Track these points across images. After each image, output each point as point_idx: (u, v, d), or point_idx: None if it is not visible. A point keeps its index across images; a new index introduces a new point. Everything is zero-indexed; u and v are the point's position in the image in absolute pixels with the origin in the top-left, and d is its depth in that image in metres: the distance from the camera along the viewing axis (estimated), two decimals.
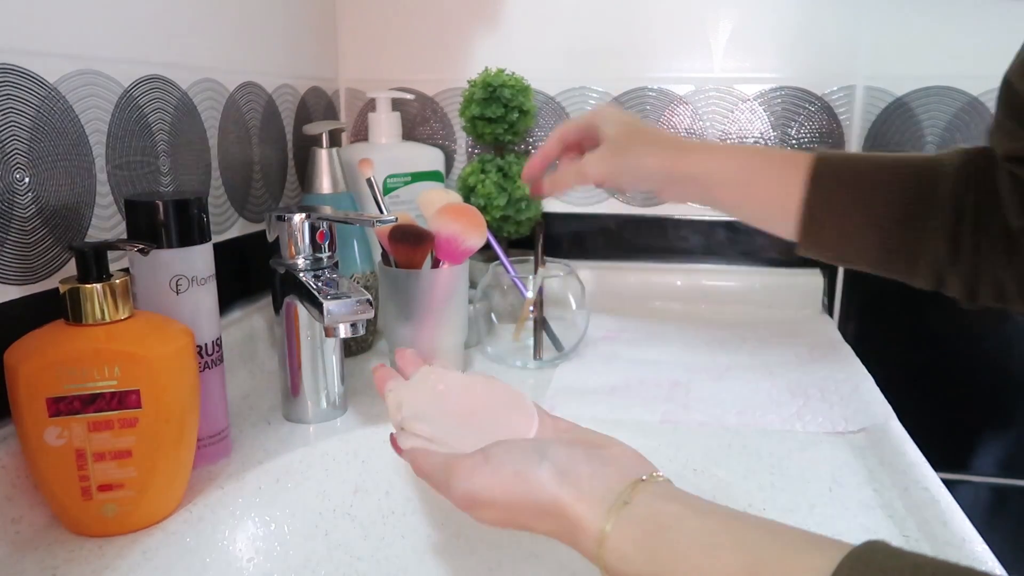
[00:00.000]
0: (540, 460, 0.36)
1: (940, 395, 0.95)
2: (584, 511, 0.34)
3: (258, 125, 0.77)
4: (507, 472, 0.37)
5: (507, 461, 0.37)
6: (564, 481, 0.35)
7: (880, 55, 0.89)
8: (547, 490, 0.35)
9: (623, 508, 0.34)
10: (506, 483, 0.36)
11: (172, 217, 0.49)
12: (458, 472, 0.38)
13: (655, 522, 0.33)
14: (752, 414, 0.62)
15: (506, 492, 0.36)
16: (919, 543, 0.45)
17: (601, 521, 0.34)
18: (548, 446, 0.38)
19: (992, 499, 0.98)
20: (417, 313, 0.65)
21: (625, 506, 0.34)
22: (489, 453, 0.38)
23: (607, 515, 0.34)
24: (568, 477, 0.35)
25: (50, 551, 0.43)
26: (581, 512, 0.34)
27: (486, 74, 0.86)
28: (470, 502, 0.37)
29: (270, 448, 0.56)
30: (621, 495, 0.34)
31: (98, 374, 0.42)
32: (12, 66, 0.47)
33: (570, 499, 0.35)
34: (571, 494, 0.35)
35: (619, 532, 0.33)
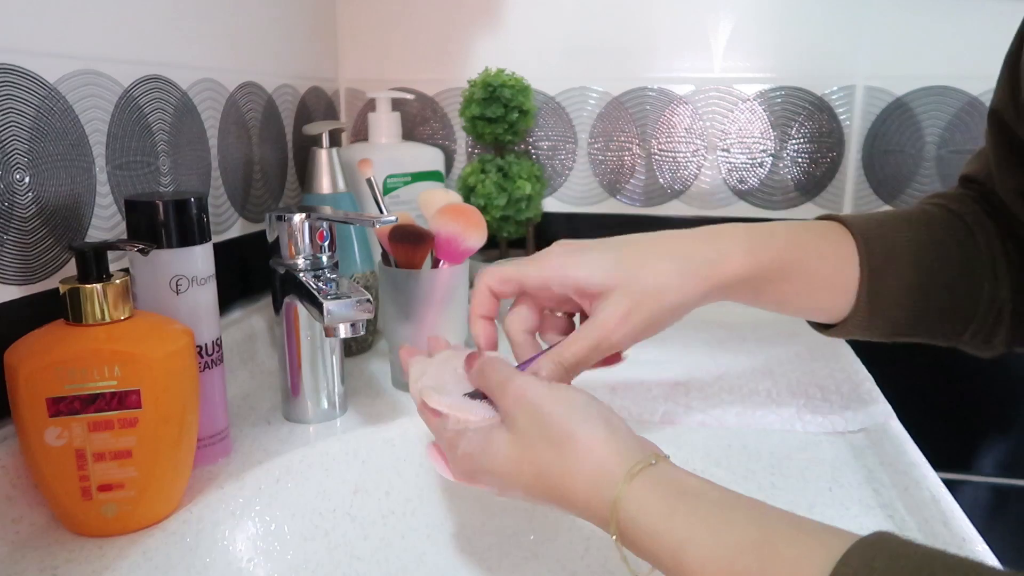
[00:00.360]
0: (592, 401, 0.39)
1: (940, 395, 0.95)
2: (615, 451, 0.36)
3: (258, 125, 0.77)
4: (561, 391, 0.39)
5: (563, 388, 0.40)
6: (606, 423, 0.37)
7: (880, 55, 0.89)
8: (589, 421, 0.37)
9: (649, 468, 0.35)
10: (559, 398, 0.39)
11: (172, 217, 0.49)
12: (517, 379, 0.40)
13: (678, 485, 0.34)
14: (752, 414, 0.62)
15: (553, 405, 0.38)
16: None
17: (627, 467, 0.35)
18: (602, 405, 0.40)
19: (992, 499, 0.98)
20: (417, 313, 0.65)
21: (651, 466, 0.35)
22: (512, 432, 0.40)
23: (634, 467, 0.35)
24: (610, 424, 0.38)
25: (50, 551, 0.43)
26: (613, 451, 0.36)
27: (486, 74, 0.86)
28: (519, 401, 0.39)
29: (270, 448, 0.56)
30: (648, 456, 0.36)
31: (98, 374, 0.42)
32: (12, 66, 0.47)
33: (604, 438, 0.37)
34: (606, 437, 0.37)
35: (641, 483, 0.34)
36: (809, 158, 0.93)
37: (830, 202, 0.94)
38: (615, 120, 0.96)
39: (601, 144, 0.97)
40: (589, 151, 0.97)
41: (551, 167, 0.98)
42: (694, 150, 0.95)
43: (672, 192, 0.97)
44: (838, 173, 0.93)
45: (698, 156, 0.95)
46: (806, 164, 0.94)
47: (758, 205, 0.95)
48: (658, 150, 0.96)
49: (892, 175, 0.92)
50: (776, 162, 0.94)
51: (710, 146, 0.95)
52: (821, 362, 0.74)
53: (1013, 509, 0.97)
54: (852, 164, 0.92)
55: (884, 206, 0.93)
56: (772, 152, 0.94)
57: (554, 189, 0.99)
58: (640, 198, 0.97)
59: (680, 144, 0.95)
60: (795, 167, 0.94)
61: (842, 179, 0.93)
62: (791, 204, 0.95)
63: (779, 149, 0.94)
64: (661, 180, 0.97)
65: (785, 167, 0.94)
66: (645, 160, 0.96)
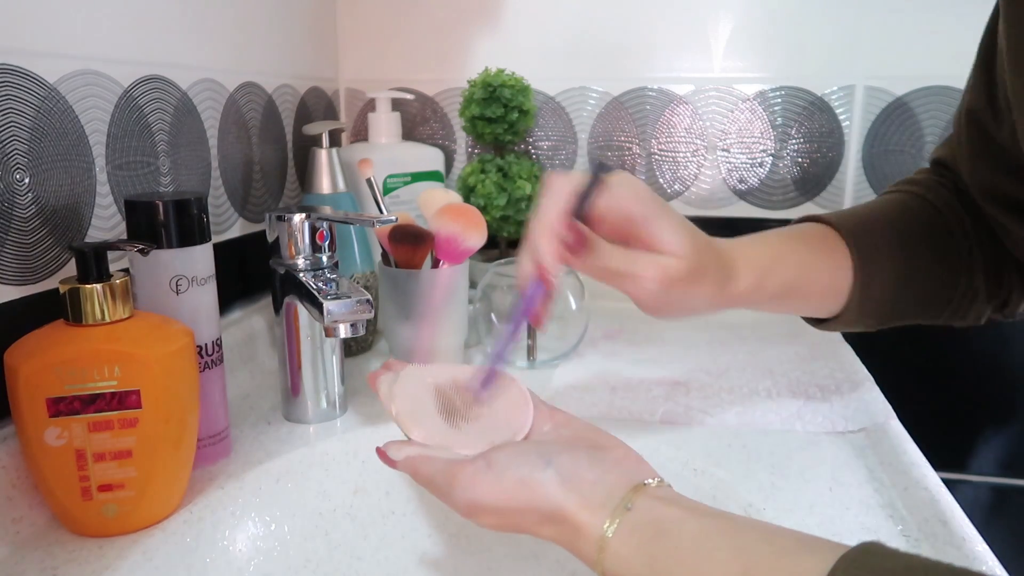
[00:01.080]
0: (545, 467, 0.36)
1: (940, 395, 0.95)
2: (586, 518, 0.35)
3: (258, 125, 0.77)
4: (511, 480, 0.36)
5: (511, 468, 0.37)
6: (568, 488, 0.35)
7: (880, 55, 0.89)
8: (551, 497, 0.35)
9: (624, 514, 0.34)
10: (509, 491, 0.36)
11: (172, 217, 0.49)
12: (460, 480, 0.38)
13: (655, 527, 0.33)
14: (752, 414, 0.62)
15: (509, 500, 0.36)
16: (919, 543, 0.45)
17: (602, 528, 0.34)
18: (552, 452, 0.38)
19: (992, 499, 0.98)
20: (417, 313, 0.65)
21: (626, 512, 0.34)
22: (491, 459, 0.38)
23: (608, 521, 0.34)
24: (571, 484, 0.36)
25: (50, 551, 0.43)
26: (584, 519, 0.35)
27: (486, 74, 0.86)
28: (473, 509, 0.37)
29: (270, 448, 0.56)
30: (623, 501, 0.35)
31: (98, 374, 0.42)
32: (12, 66, 0.47)
33: (573, 507, 0.35)
34: (574, 501, 0.35)
35: (619, 538, 0.34)
36: (809, 158, 0.93)
37: (830, 202, 0.94)
38: (615, 120, 0.96)
39: (601, 144, 0.97)
40: (589, 151, 0.97)
41: (551, 167, 0.98)
42: (694, 150, 0.95)
43: (672, 192, 0.97)
44: (838, 173, 0.93)
45: (698, 156, 0.95)
46: (806, 164, 0.94)
47: (758, 205, 0.95)
48: (658, 150, 0.96)
49: (892, 175, 0.92)
50: (776, 162, 0.94)
51: (710, 146, 0.95)
52: (821, 362, 0.74)
53: (1013, 509, 0.97)
54: (852, 164, 0.92)
55: None
56: (772, 152, 0.94)
57: None
58: None
59: (680, 144, 0.95)
60: (795, 167, 0.94)
61: (842, 179, 0.93)
62: (791, 204, 0.95)
63: (779, 149, 0.94)
64: (661, 180, 0.97)
65: (785, 167, 0.94)
66: (645, 160, 0.96)
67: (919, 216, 0.55)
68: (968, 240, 0.53)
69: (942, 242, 0.53)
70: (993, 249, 0.53)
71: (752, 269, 0.49)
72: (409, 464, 0.41)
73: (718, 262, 0.48)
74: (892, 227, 0.54)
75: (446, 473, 0.39)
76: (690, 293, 0.46)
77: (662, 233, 0.44)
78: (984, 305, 0.54)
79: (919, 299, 0.54)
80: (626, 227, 0.45)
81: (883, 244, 0.53)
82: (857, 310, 0.53)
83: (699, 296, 0.47)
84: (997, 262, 0.53)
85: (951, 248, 0.53)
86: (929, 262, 0.53)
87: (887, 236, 0.53)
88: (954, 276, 0.53)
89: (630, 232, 0.45)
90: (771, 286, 0.50)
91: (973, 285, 0.53)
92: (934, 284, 0.54)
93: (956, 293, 0.54)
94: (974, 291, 0.54)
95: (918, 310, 0.55)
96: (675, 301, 0.46)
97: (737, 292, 0.49)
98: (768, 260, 0.51)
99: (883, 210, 0.56)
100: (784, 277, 0.51)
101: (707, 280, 0.46)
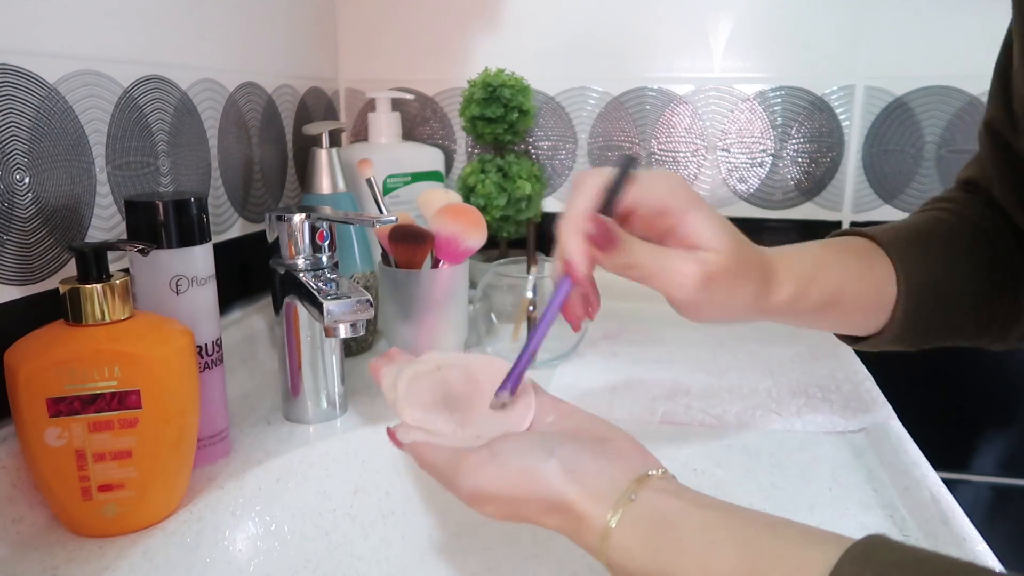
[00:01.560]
0: (547, 457, 0.37)
1: (940, 395, 0.95)
2: (590, 508, 0.35)
3: (258, 125, 0.77)
4: (513, 468, 0.37)
5: (513, 457, 0.37)
6: (570, 478, 0.36)
7: (880, 55, 0.89)
8: (553, 487, 0.35)
9: (628, 505, 0.34)
10: (513, 479, 0.36)
11: (172, 217, 0.49)
12: (464, 468, 0.38)
13: (658, 518, 0.34)
14: (752, 414, 0.62)
15: (512, 488, 0.36)
16: (919, 543, 0.45)
17: (606, 518, 0.34)
18: (555, 442, 0.38)
19: (992, 499, 0.98)
20: (417, 313, 0.65)
21: (630, 503, 0.34)
22: (496, 449, 0.38)
23: (612, 512, 0.34)
24: (574, 474, 0.36)
25: (50, 551, 0.43)
26: (587, 509, 0.35)
27: (486, 74, 0.86)
28: (476, 497, 0.38)
29: (270, 448, 0.56)
30: (626, 492, 0.35)
31: (98, 374, 0.42)
32: (12, 66, 0.47)
33: (576, 496, 0.35)
34: (577, 491, 0.35)
35: (623, 529, 0.34)
36: (809, 158, 0.93)
37: (830, 202, 0.94)
38: (615, 120, 0.96)
39: (601, 144, 0.97)
40: (589, 151, 0.97)
41: (551, 167, 0.99)
42: (694, 150, 0.95)
43: None
44: (838, 173, 0.93)
45: (698, 156, 0.95)
46: (806, 164, 0.94)
47: (758, 205, 0.95)
48: (658, 150, 0.96)
49: (892, 175, 0.92)
50: (776, 162, 0.94)
51: (710, 146, 0.95)
52: (821, 362, 0.74)
53: (1013, 509, 0.97)
54: (852, 164, 0.92)
55: (884, 206, 0.93)
56: (772, 152, 0.94)
57: (554, 189, 0.99)
58: None
59: (680, 144, 0.95)
60: (795, 167, 0.94)
61: (842, 179, 0.93)
62: (791, 204, 0.95)
63: (779, 149, 0.94)
64: None
65: (785, 167, 0.94)
66: (645, 160, 0.96)
67: (960, 231, 0.52)
68: (1012, 254, 0.51)
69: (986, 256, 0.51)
70: None
71: (795, 276, 0.47)
72: (415, 448, 0.41)
73: (760, 263, 0.45)
74: (934, 241, 0.51)
75: (450, 462, 0.39)
76: (732, 294, 0.43)
77: (700, 227, 0.42)
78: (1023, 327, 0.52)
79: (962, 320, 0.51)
80: (661, 222, 0.43)
81: (926, 259, 0.50)
82: (900, 327, 0.50)
83: (740, 297, 0.44)
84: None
85: (996, 262, 0.51)
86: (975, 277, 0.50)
87: (930, 251, 0.50)
88: (1000, 292, 0.51)
89: (665, 227, 0.43)
90: (814, 296, 0.47)
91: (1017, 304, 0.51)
92: (980, 300, 0.51)
93: (1001, 311, 0.51)
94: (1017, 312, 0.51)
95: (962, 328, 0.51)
96: (715, 301, 0.43)
97: (778, 300, 0.46)
98: (811, 268, 0.48)
99: (924, 225, 0.53)
100: (827, 287, 0.48)
101: (749, 280, 0.44)
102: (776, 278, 0.46)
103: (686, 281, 0.41)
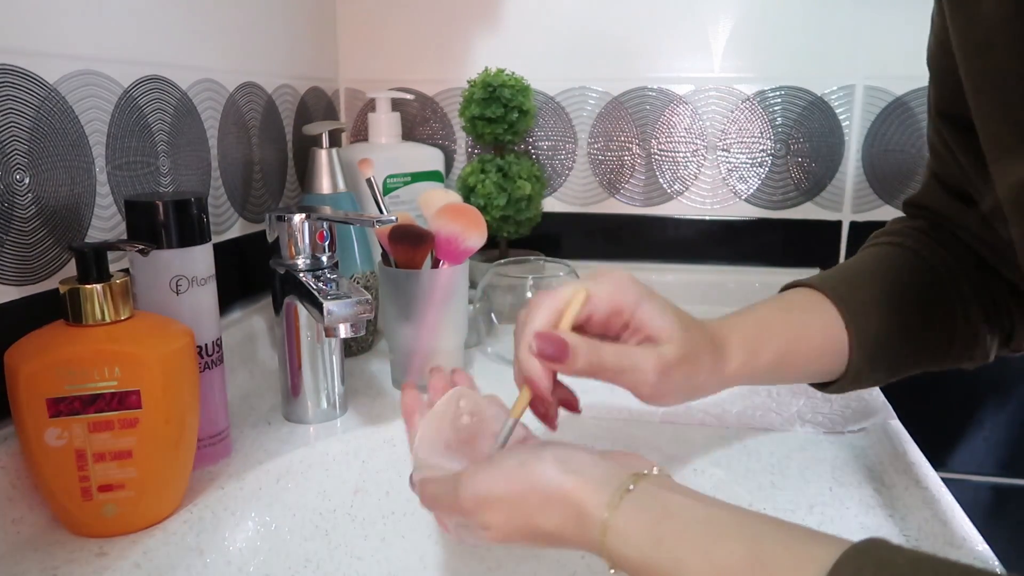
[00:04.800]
0: (542, 452, 0.37)
1: (940, 395, 0.95)
2: (589, 495, 0.35)
3: (258, 125, 0.77)
4: (511, 465, 0.37)
5: (510, 458, 0.38)
6: (567, 469, 0.36)
7: (880, 55, 0.89)
8: (550, 477, 0.36)
9: (627, 494, 0.34)
10: (511, 476, 0.37)
11: (172, 217, 0.49)
12: (463, 479, 0.38)
13: (660, 508, 0.34)
14: (752, 414, 0.62)
15: (511, 484, 0.37)
16: (919, 543, 0.45)
17: (605, 506, 0.34)
18: (548, 444, 0.39)
19: (992, 499, 0.98)
20: (417, 313, 0.65)
21: (629, 492, 0.34)
22: (492, 457, 0.39)
23: (612, 499, 0.34)
24: (570, 465, 0.36)
25: (50, 552, 0.43)
26: (586, 496, 0.35)
27: (486, 74, 0.86)
28: (478, 502, 0.38)
29: (270, 448, 0.56)
30: (624, 482, 0.35)
31: (98, 375, 0.42)
32: (12, 66, 0.47)
33: (574, 485, 0.35)
34: (575, 480, 0.35)
35: (624, 516, 0.34)
36: (809, 158, 0.93)
37: (830, 202, 0.94)
38: (615, 120, 0.96)
39: (601, 144, 0.97)
40: (589, 151, 0.97)
41: (551, 167, 0.99)
42: (694, 150, 0.95)
43: (672, 192, 0.97)
44: (838, 173, 0.93)
45: (698, 156, 0.95)
46: (806, 164, 0.94)
47: (758, 205, 0.95)
48: (658, 150, 0.96)
49: (892, 175, 0.92)
50: (776, 162, 0.94)
51: (710, 146, 0.95)
52: None
53: (1013, 509, 0.97)
54: (852, 164, 0.92)
55: (884, 206, 0.93)
56: (772, 152, 0.94)
57: (554, 189, 0.99)
58: (640, 198, 0.97)
59: (680, 144, 0.95)
60: (795, 167, 0.94)
61: (842, 179, 0.93)
62: (791, 204, 0.95)
63: (779, 149, 0.94)
64: (661, 180, 0.97)
65: (785, 167, 0.94)
66: (645, 160, 0.96)
67: (902, 266, 0.54)
68: (957, 282, 0.52)
69: (931, 288, 0.52)
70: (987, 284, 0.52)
71: (743, 343, 0.49)
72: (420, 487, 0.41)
73: (710, 341, 0.47)
74: (877, 280, 0.53)
75: (448, 482, 0.39)
76: (689, 377, 0.45)
77: (652, 318, 0.44)
78: (989, 343, 0.53)
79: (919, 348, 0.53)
80: (616, 321, 0.45)
81: (870, 299, 0.52)
82: (859, 368, 0.51)
83: (697, 377, 0.46)
84: (994, 297, 0.52)
85: (941, 293, 0.52)
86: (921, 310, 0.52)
87: (873, 291, 0.52)
88: (950, 320, 0.52)
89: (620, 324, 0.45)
90: (765, 357, 0.49)
91: (971, 324, 0.52)
92: (930, 332, 0.52)
93: (956, 336, 0.52)
94: (973, 330, 0.52)
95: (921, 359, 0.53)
96: (674, 387, 0.45)
97: (732, 370, 0.48)
98: (757, 330, 0.50)
99: (865, 266, 0.55)
100: (775, 345, 0.50)
101: (702, 360, 0.46)
102: (726, 350, 0.48)
103: (648, 376, 0.43)
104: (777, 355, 0.50)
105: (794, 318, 0.52)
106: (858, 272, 0.54)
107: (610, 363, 0.43)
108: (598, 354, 0.43)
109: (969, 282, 0.52)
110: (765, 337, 0.50)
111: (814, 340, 0.51)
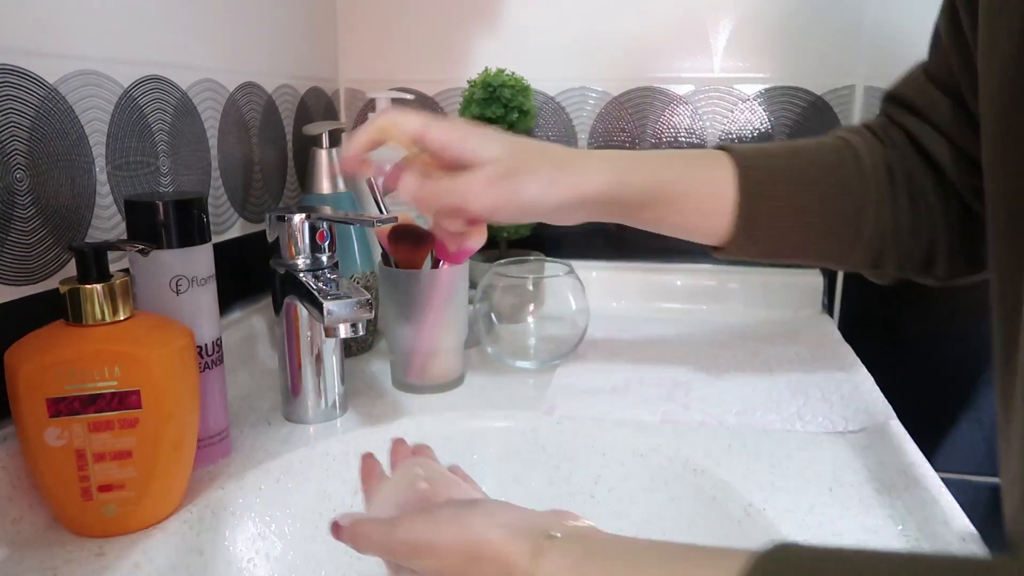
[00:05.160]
0: (473, 506, 0.38)
1: (939, 395, 0.95)
2: (514, 548, 0.35)
3: (258, 125, 0.77)
4: (444, 517, 0.38)
5: (444, 508, 0.39)
6: (493, 522, 0.36)
7: (880, 55, 0.89)
8: (478, 531, 0.36)
9: (551, 541, 0.35)
10: (443, 527, 0.37)
11: (172, 217, 0.49)
12: (400, 523, 0.39)
13: (583, 548, 0.34)
14: (752, 414, 0.62)
15: (443, 535, 0.37)
16: (919, 543, 0.45)
17: (530, 554, 0.34)
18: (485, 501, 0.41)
19: (992, 499, 0.97)
20: (417, 313, 0.65)
21: (553, 538, 0.35)
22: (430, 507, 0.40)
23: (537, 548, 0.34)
24: (497, 518, 0.37)
25: (50, 552, 0.43)
26: (512, 549, 0.35)
27: (486, 74, 0.86)
28: (411, 549, 0.38)
29: (270, 448, 0.56)
30: (548, 528, 0.35)
31: (98, 375, 0.42)
32: (12, 66, 0.47)
33: (500, 538, 0.35)
34: (501, 534, 0.36)
35: (550, 562, 0.34)
36: None
37: None
38: (615, 120, 0.96)
39: (601, 144, 0.97)
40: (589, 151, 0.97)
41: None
42: None
43: None
44: None
45: None
46: None
47: None
48: None
49: None
50: None
51: (710, 146, 0.95)
52: (821, 362, 0.74)
53: None
54: None
55: None
56: None
57: None
58: None
59: (680, 144, 0.95)
60: None
61: None
62: None
63: None
64: None
65: None
66: None
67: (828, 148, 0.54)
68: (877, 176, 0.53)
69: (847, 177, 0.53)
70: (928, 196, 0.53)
71: (609, 164, 0.52)
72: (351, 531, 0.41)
73: (550, 159, 0.52)
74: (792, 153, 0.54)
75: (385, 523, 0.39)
76: (519, 189, 0.50)
77: (476, 147, 0.51)
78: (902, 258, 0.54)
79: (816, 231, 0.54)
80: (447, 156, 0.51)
81: (775, 167, 0.53)
82: (744, 233, 0.53)
83: (531, 189, 0.51)
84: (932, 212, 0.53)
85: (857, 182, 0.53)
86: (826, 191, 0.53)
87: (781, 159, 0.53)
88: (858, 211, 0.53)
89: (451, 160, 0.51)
90: (635, 184, 0.52)
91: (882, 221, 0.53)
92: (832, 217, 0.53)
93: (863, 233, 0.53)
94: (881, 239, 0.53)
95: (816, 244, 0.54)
96: (507, 199, 0.50)
97: (594, 188, 0.52)
98: (631, 160, 0.53)
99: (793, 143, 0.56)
100: (649, 178, 0.52)
101: (537, 173, 0.51)
102: (583, 167, 0.52)
103: (472, 187, 0.50)
104: (648, 188, 0.52)
105: (683, 165, 0.54)
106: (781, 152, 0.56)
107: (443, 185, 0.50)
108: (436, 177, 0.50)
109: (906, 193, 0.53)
110: (639, 166, 0.53)
111: (698, 192, 0.53)
